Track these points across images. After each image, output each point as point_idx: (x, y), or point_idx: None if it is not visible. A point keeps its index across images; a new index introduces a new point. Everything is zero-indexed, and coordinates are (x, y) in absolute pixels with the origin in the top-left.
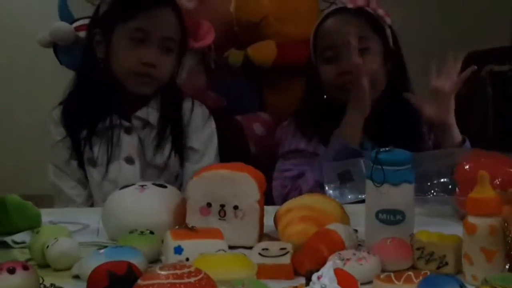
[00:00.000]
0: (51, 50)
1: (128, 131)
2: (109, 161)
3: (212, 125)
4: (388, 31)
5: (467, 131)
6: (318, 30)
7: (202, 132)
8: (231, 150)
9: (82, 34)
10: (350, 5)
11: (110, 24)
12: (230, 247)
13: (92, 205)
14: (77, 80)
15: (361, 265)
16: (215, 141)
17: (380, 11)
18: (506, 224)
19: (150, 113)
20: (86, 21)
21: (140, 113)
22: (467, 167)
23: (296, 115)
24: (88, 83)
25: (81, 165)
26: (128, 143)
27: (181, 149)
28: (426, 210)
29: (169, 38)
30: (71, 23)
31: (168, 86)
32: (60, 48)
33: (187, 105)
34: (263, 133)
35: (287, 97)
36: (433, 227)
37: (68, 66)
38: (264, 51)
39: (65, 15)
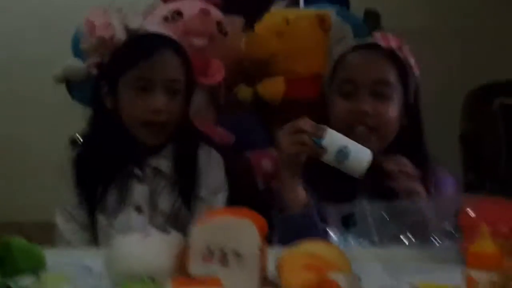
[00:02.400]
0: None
1: (140, 180)
2: (119, 210)
3: (223, 174)
4: (413, 83)
5: (479, 167)
6: (341, 60)
7: (214, 181)
8: (239, 187)
9: (95, 70)
10: (382, 43)
11: (114, 75)
12: None
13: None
14: (91, 129)
15: None
16: (225, 191)
17: (411, 60)
18: (506, 279)
19: (162, 161)
20: (99, 59)
21: (153, 161)
22: (471, 213)
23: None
24: (101, 133)
25: (90, 212)
26: (139, 192)
27: (190, 199)
28: (428, 256)
29: (173, 80)
30: (84, 59)
31: (182, 131)
32: (73, 84)
33: (202, 152)
34: (272, 169)
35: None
36: (436, 275)
37: (80, 102)
38: (273, 87)
39: (79, 51)
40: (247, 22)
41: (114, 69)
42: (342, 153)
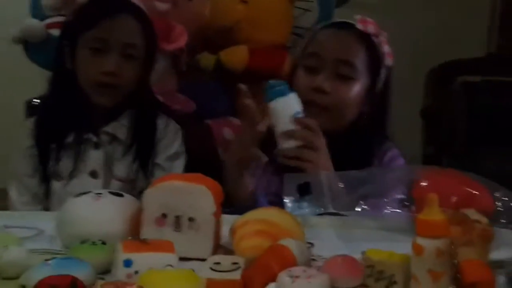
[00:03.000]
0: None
1: (96, 146)
2: (73, 175)
3: (180, 142)
4: (383, 73)
5: (438, 142)
6: (314, 35)
7: (171, 149)
8: (199, 154)
9: (53, 31)
10: (359, 26)
11: (73, 35)
12: (185, 259)
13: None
14: (50, 89)
15: (310, 283)
16: (183, 159)
17: (386, 48)
18: (453, 247)
19: (119, 128)
20: (58, 19)
21: (109, 128)
22: (424, 184)
23: None
24: (60, 95)
25: (44, 180)
26: (94, 158)
27: (148, 165)
28: (381, 225)
29: (130, 45)
30: (42, 20)
31: (140, 99)
32: (31, 45)
33: (160, 122)
34: (233, 138)
35: (259, 102)
36: (389, 243)
37: (38, 64)
38: (236, 56)
39: (36, 11)
40: None
41: (74, 27)
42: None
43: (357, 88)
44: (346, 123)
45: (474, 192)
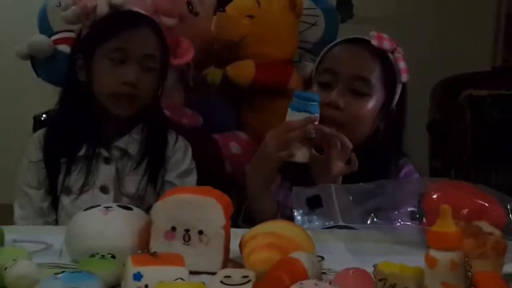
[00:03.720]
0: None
1: (106, 160)
2: (83, 190)
3: (190, 158)
4: (399, 89)
5: (445, 155)
6: (328, 50)
7: (181, 166)
8: (206, 169)
9: (61, 47)
10: (374, 42)
11: (91, 47)
12: (194, 273)
13: None
14: (62, 104)
15: None
16: (194, 175)
17: (401, 64)
18: (467, 259)
19: (130, 143)
20: (65, 35)
21: (120, 142)
22: (435, 196)
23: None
24: (72, 108)
25: (51, 193)
26: (105, 173)
27: (157, 180)
28: (392, 238)
29: (149, 56)
30: (50, 36)
31: (152, 113)
32: (38, 61)
33: (170, 138)
34: (240, 152)
35: (266, 117)
36: (399, 256)
37: (45, 79)
38: (242, 70)
39: (44, 27)
40: (219, 4)
41: (92, 39)
42: None
43: (371, 104)
44: (361, 139)
45: (486, 204)
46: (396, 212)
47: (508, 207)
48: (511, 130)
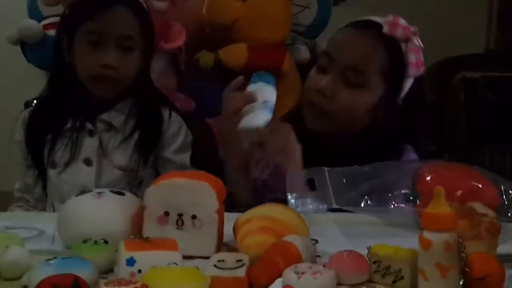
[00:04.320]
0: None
1: (91, 133)
2: (68, 162)
3: (185, 133)
4: (407, 83)
5: (439, 137)
6: (337, 33)
7: (177, 141)
8: (199, 153)
9: (51, 32)
10: (385, 28)
11: (70, 28)
12: (188, 257)
13: (44, 209)
14: (49, 84)
15: (316, 279)
16: (190, 150)
17: (412, 57)
18: (461, 240)
19: (115, 116)
20: (55, 19)
21: (105, 116)
22: (428, 178)
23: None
24: (58, 87)
25: (37, 169)
26: (88, 145)
27: (148, 155)
28: (386, 221)
29: (126, 37)
30: (40, 21)
31: (141, 90)
32: (28, 46)
33: (164, 113)
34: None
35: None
36: (394, 238)
37: (35, 64)
38: (235, 54)
39: (34, 13)
40: None
41: (70, 21)
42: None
43: (366, 98)
44: (354, 129)
45: (480, 185)
46: (390, 195)
47: (502, 188)
48: (505, 112)
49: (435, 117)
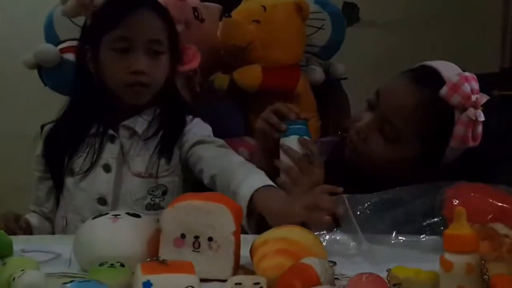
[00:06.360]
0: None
1: (112, 139)
2: (87, 170)
3: (210, 132)
4: (451, 153)
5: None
6: (394, 77)
7: (205, 132)
8: None
9: (67, 56)
10: (442, 91)
11: (95, 38)
12: (205, 280)
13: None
14: (71, 101)
15: None
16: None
17: (460, 130)
18: (483, 262)
19: (139, 122)
20: (72, 43)
21: (128, 122)
22: (456, 202)
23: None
24: (81, 102)
25: (55, 179)
26: (109, 151)
27: (167, 158)
28: (405, 243)
29: (155, 41)
30: (57, 45)
31: (167, 98)
32: (45, 70)
33: (188, 119)
34: (248, 157)
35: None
36: (414, 261)
37: (52, 88)
38: (249, 76)
39: (51, 36)
40: (224, 10)
41: (95, 30)
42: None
43: (397, 153)
44: (392, 175)
45: (508, 206)
46: (419, 226)
47: None
48: None
49: None
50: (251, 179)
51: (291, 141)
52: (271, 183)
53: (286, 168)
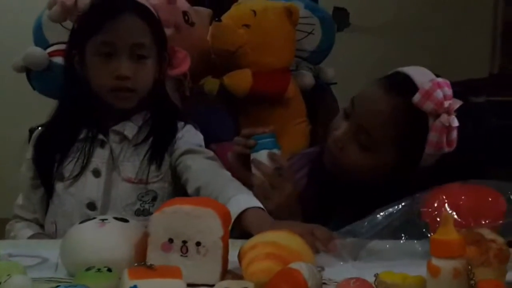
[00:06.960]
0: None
1: (102, 144)
2: (77, 175)
3: (201, 140)
4: (428, 159)
5: (441, 161)
6: (368, 85)
7: (196, 140)
8: None
9: (56, 59)
10: (415, 98)
11: (81, 42)
12: (192, 285)
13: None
14: (60, 105)
15: None
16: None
17: (433, 136)
18: (470, 267)
19: (128, 127)
20: (60, 47)
21: (117, 126)
22: (434, 205)
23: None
24: (70, 107)
25: (45, 185)
26: (99, 156)
27: (157, 163)
28: (392, 247)
29: (138, 45)
30: (45, 48)
31: (157, 100)
32: (34, 74)
33: (179, 125)
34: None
35: (263, 126)
36: (401, 266)
37: (41, 92)
38: (240, 80)
39: (40, 40)
40: (215, 14)
41: (80, 35)
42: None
43: (372, 161)
44: (368, 183)
45: (483, 195)
46: (402, 235)
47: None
48: (509, 136)
49: None
50: (240, 197)
51: (261, 156)
52: (260, 204)
53: (259, 183)
